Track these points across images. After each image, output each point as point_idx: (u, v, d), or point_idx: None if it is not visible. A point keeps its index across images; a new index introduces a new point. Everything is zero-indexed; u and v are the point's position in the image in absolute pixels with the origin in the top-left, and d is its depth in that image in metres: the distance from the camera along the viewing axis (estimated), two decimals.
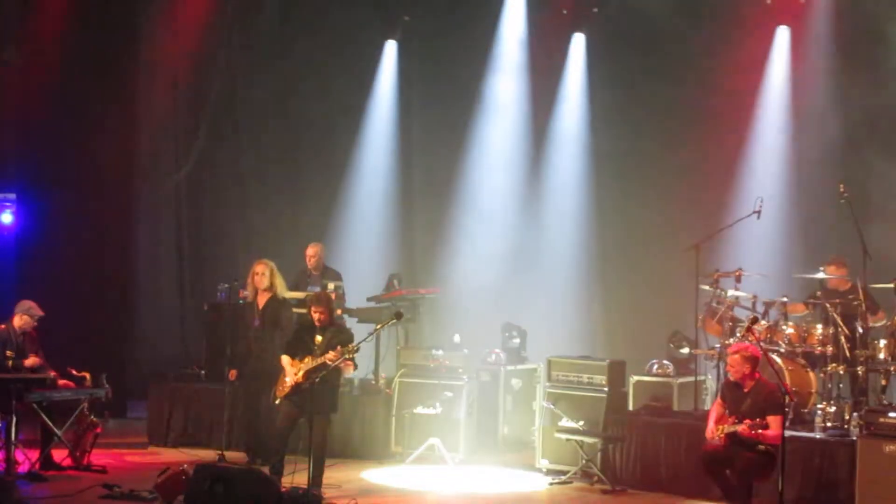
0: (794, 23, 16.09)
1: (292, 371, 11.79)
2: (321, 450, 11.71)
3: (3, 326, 12.94)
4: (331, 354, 11.48)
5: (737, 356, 11.14)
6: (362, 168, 18.13)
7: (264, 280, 13.39)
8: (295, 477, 11.49)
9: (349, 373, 11.93)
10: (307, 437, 11.71)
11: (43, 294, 14.47)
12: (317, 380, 11.31)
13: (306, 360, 11.76)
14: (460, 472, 13.34)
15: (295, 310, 13.85)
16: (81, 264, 16.73)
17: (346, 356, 11.44)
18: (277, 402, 12.05)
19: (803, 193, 15.44)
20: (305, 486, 11.22)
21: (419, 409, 13.87)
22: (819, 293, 13.20)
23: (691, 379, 13.72)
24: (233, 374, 13.52)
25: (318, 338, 11.83)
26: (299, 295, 14.15)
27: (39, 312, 13.02)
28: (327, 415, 11.77)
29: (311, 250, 14.82)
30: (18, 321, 12.96)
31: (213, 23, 17.70)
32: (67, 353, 13.70)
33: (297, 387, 11.70)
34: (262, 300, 13.45)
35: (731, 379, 11.25)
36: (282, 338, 13.03)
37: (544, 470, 13.37)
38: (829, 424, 12.29)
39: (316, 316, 11.87)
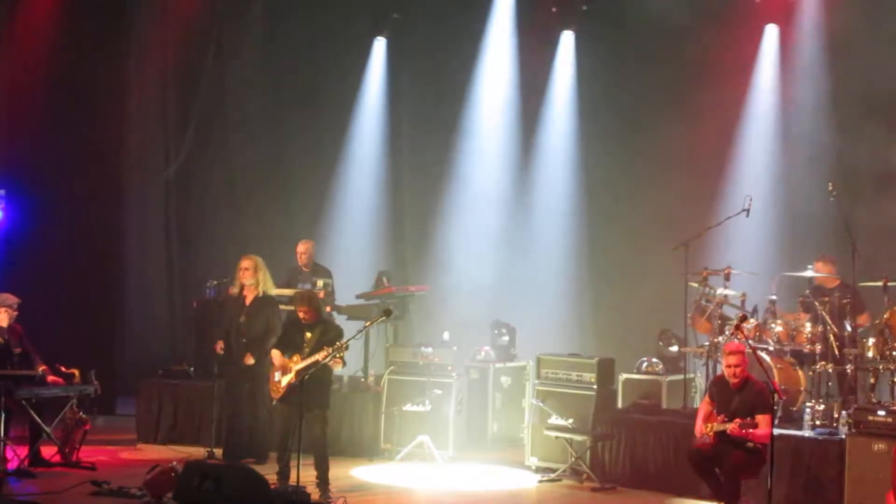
0: (783, 21, 16.09)
1: (282, 370, 11.74)
2: (322, 447, 11.68)
3: None
4: (321, 354, 11.45)
5: (739, 354, 11.11)
6: (352, 166, 18.12)
7: (248, 275, 13.34)
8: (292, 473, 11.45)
9: (338, 368, 11.88)
10: (305, 435, 11.65)
11: (32, 291, 14.44)
12: (306, 377, 11.29)
13: (295, 358, 11.71)
14: (449, 470, 13.34)
15: (285, 307, 13.82)
16: (71, 261, 16.71)
17: (336, 355, 11.41)
18: (273, 403, 12.04)
19: (792, 191, 15.46)
20: (297, 483, 11.20)
21: (408, 407, 13.87)
22: (808, 291, 13.23)
23: (680, 377, 13.76)
24: (220, 344, 13.40)
25: (308, 335, 11.80)
26: (288, 292, 14.13)
27: (16, 299, 12.91)
28: (322, 411, 11.71)
29: (301, 247, 14.82)
30: (1, 317, 12.87)
31: (202, 20, 17.69)
32: (56, 349, 13.66)
33: (290, 387, 11.66)
34: (248, 297, 13.40)
35: (731, 380, 11.23)
36: (268, 334, 13.02)
37: (533, 467, 13.39)
38: (817, 423, 12.34)
39: (301, 314, 11.84)
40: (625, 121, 16.75)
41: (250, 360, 13.11)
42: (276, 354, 11.89)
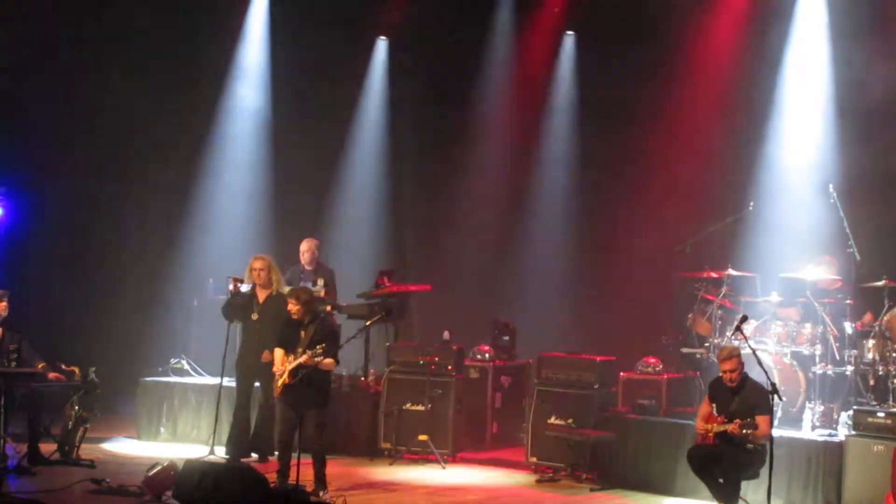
0: (783, 21, 16.09)
1: (279, 369, 11.72)
2: (316, 447, 11.65)
3: None
4: (303, 357, 11.47)
5: (734, 359, 11.11)
6: (353, 165, 18.14)
7: (262, 276, 13.37)
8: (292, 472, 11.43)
9: (332, 368, 11.79)
10: (304, 435, 11.65)
11: (32, 288, 14.47)
12: (299, 379, 11.29)
13: (290, 357, 11.70)
14: (449, 469, 13.36)
15: None
16: (71, 258, 16.73)
17: (315, 357, 11.37)
18: (276, 401, 12.03)
19: (793, 192, 15.45)
20: (296, 483, 11.20)
21: (408, 406, 13.89)
22: (808, 293, 13.22)
23: (680, 377, 13.75)
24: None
25: (303, 333, 11.76)
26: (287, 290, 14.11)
27: (3, 291, 12.88)
28: (318, 411, 11.66)
29: (304, 246, 14.76)
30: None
31: (202, 19, 17.68)
32: (57, 347, 13.66)
33: (286, 387, 11.65)
34: (261, 295, 13.42)
35: (728, 384, 11.22)
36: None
37: (533, 467, 13.40)
38: (817, 424, 12.35)
39: (290, 308, 11.81)
40: (626, 122, 16.74)
41: (268, 357, 13.08)
42: (278, 354, 11.87)
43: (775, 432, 10.76)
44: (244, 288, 13.44)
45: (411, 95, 18.12)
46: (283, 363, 11.70)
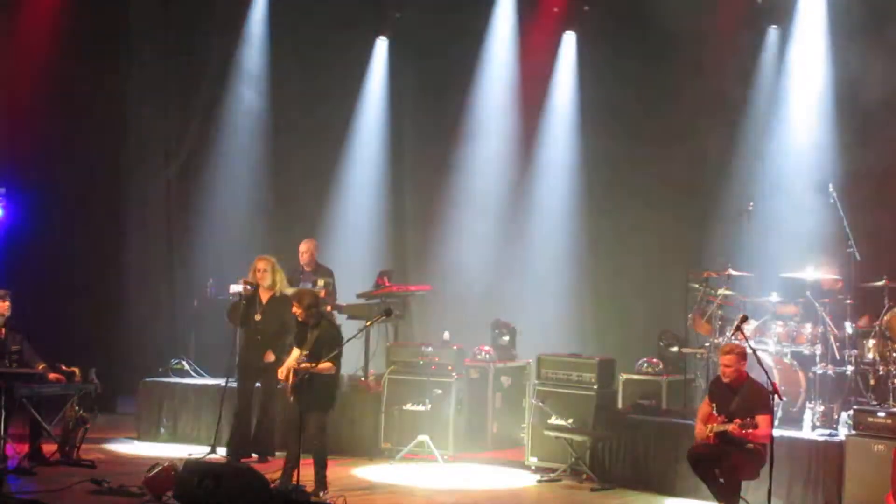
0: (784, 22, 16.09)
1: (283, 372, 11.72)
2: (315, 448, 11.64)
3: None
4: (293, 362, 11.52)
5: (732, 355, 11.12)
6: (353, 165, 18.15)
7: (266, 277, 13.40)
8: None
9: (327, 372, 11.75)
10: (305, 436, 11.62)
11: (32, 289, 14.46)
12: (299, 380, 11.29)
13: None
14: (449, 469, 13.36)
15: None
16: (71, 259, 16.73)
17: (302, 364, 11.38)
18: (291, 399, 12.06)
19: (792, 192, 15.45)
20: (297, 482, 11.20)
21: (409, 406, 13.90)
22: (808, 293, 13.22)
23: (680, 377, 13.76)
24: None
25: (309, 335, 11.77)
26: (288, 290, 14.13)
27: (4, 291, 12.89)
28: (319, 413, 11.64)
29: (303, 246, 14.77)
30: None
31: (202, 19, 17.70)
32: (57, 347, 13.66)
33: (291, 388, 11.63)
34: (264, 296, 13.45)
35: (724, 380, 11.23)
36: (283, 332, 13.04)
37: (533, 467, 13.41)
38: (817, 424, 12.35)
39: (295, 313, 11.81)
40: (626, 122, 16.74)
41: (271, 357, 13.15)
42: (294, 354, 11.85)
43: (775, 432, 10.74)
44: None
45: (411, 95, 18.11)
46: (289, 365, 11.73)
